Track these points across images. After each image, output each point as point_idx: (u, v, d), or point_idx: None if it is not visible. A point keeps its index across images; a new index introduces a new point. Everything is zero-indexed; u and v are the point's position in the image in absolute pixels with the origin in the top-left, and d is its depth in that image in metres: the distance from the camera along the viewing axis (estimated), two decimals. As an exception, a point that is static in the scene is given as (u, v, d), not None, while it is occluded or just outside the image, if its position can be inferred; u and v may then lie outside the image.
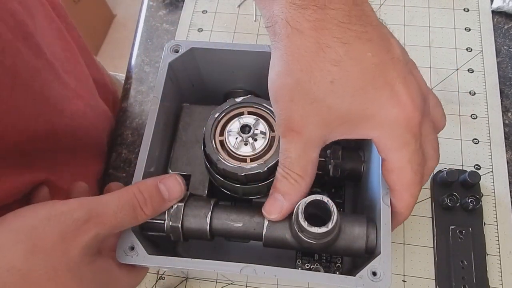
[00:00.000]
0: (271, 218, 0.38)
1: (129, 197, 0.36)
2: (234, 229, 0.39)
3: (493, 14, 0.65)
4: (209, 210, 0.39)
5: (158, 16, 0.70)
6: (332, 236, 0.36)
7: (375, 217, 0.38)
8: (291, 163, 0.36)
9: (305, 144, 0.35)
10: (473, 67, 0.62)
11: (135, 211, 0.36)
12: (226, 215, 0.39)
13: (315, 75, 0.33)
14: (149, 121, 0.41)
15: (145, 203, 0.36)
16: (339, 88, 0.33)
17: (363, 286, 0.34)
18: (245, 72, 0.47)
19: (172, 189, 0.38)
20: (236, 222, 0.39)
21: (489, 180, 0.55)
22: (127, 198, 0.36)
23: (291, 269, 0.35)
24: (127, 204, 0.36)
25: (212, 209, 0.39)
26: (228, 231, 0.39)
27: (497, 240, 0.52)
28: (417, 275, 0.51)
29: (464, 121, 0.59)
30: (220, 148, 0.39)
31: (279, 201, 0.37)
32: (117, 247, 0.36)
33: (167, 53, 0.44)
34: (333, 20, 0.32)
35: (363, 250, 0.37)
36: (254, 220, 0.38)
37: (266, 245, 0.39)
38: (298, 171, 0.36)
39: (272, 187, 0.37)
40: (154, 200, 0.37)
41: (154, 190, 0.37)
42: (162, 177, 0.38)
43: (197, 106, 0.46)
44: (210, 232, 0.39)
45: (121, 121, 0.63)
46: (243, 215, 0.39)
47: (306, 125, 0.34)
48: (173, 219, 0.38)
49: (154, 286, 0.52)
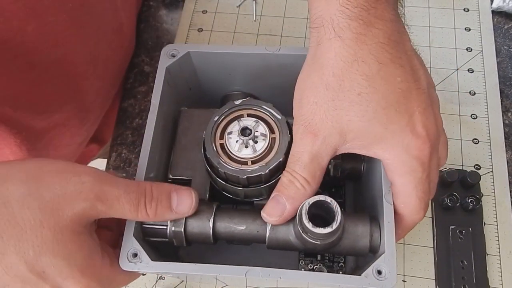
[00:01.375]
0: (270, 221, 0.37)
1: (139, 189, 0.36)
2: (237, 232, 0.39)
3: (493, 14, 0.65)
4: (212, 214, 0.39)
5: (158, 16, 0.70)
6: (336, 236, 0.36)
7: (377, 215, 0.38)
8: (302, 167, 0.36)
9: (319, 149, 0.35)
10: (473, 67, 0.62)
11: (138, 206, 0.35)
12: (229, 218, 0.39)
13: (344, 84, 0.34)
14: (148, 126, 0.41)
15: (150, 203, 0.36)
16: (364, 102, 0.34)
17: (369, 285, 0.34)
18: (243, 74, 0.48)
19: (182, 202, 0.37)
20: (239, 225, 0.39)
21: (489, 180, 0.55)
22: (136, 190, 0.35)
23: (296, 271, 0.35)
24: (134, 195, 0.35)
25: (214, 212, 0.39)
26: (231, 234, 0.39)
27: (497, 240, 0.52)
28: (417, 275, 0.51)
29: (464, 121, 0.59)
30: (220, 152, 0.39)
31: (282, 205, 0.36)
32: (120, 254, 0.36)
33: (164, 57, 0.44)
34: (374, 38, 0.34)
35: (367, 249, 0.37)
36: (257, 222, 0.38)
37: (270, 247, 0.39)
38: (307, 176, 0.36)
39: (276, 190, 0.37)
40: (161, 204, 0.36)
41: (165, 195, 0.37)
42: (179, 187, 0.38)
43: (195, 110, 0.46)
44: (213, 236, 0.39)
45: (121, 121, 0.63)
46: (246, 218, 0.39)
47: (324, 130, 0.35)
48: (176, 224, 0.38)
49: (154, 286, 0.52)
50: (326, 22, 0.35)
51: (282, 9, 0.69)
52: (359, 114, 0.34)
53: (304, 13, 0.68)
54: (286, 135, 0.39)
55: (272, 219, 0.37)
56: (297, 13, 0.68)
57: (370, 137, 0.35)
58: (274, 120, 0.40)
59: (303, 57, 0.44)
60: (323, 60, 0.35)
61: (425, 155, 0.35)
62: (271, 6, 0.69)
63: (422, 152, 0.35)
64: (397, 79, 0.34)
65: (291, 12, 0.68)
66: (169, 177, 0.43)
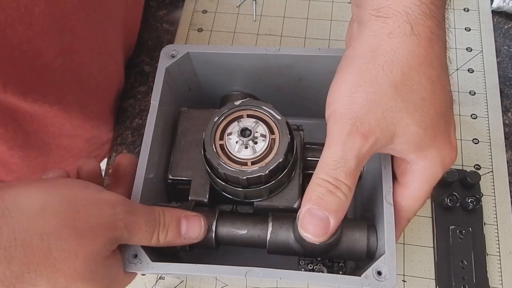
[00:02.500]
0: (316, 241, 0.33)
1: (155, 217, 0.36)
2: (239, 237, 0.39)
3: (493, 14, 0.65)
4: (214, 219, 0.39)
5: (158, 16, 0.70)
6: (335, 237, 0.36)
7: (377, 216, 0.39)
8: (347, 174, 0.32)
9: (367, 152, 0.32)
10: (473, 67, 0.62)
11: (153, 234, 0.36)
12: (231, 223, 0.40)
13: (412, 85, 0.31)
14: (148, 127, 0.41)
15: (162, 231, 0.36)
16: (425, 108, 0.32)
17: (369, 286, 0.34)
18: (242, 75, 0.48)
19: (191, 228, 0.37)
20: (240, 229, 0.39)
21: (489, 180, 0.55)
22: (153, 219, 0.36)
23: (296, 271, 0.35)
24: (151, 223, 0.36)
25: (217, 218, 0.39)
26: (233, 239, 0.39)
27: (497, 240, 0.52)
28: (417, 275, 0.51)
29: (464, 121, 0.59)
30: (220, 152, 0.39)
31: (325, 221, 0.32)
32: None
33: (163, 58, 0.44)
34: (440, 41, 0.32)
35: (364, 254, 0.38)
36: (258, 227, 0.39)
37: (270, 251, 0.39)
38: (350, 183, 0.32)
39: (313, 202, 0.32)
40: (171, 230, 0.37)
41: (175, 221, 0.37)
42: (189, 214, 0.38)
43: (195, 110, 0.46)
44: (215, 240, 0.39)
45: (121, 121, 0.63)
46: (247, 223, 0.39)
47: (377, 132, 0.32)
48: None
49: (154, 286, 0.52)
50: (400, 14, 0.32)
51: (282, 9, 0.69)
52: (419, 119, 0.32)
53: (304, 13, 0.68)
54: (286, 136, 0.39)
55: (320, 239, 0.33)
56: (297, 13, 0.68)
57: (417, 144, 0.33)
58: (274, 120, 0.40)
59: (303, 58, 0.44)
60: (393, 56, 0.31)
61: (451, 165, 0.35)
62: (271, 6, 0.69)
63: (451, 163, 0.35)
64: (448, 88, 0.33)
65: (291, 12, 0.68)
66: (169, 178, 0.43)
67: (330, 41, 0.66)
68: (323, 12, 0.68)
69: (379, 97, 0.31)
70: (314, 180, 0.33)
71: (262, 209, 0.41)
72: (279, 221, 0.39)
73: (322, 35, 0.66)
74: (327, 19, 0.67)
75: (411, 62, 0.31)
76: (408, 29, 0.31)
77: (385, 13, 0.32)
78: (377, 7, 0.33)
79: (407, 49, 0.31)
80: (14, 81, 0.42)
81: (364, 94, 0.32)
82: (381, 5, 0.32)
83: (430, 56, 0.32)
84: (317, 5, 0.69)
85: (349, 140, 0.31)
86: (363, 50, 0.33)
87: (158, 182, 0.43)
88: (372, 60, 0.32)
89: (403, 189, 0.37)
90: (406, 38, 0.31)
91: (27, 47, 0.42)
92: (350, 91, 0.32)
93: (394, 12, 0.32)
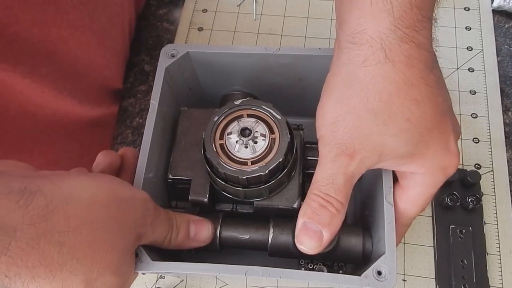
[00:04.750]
0: (311, 253, 0.35)
1: (170, 218, 0.38)
2: (241, 241, 0.40)
3: (493, 13, 0.65)
4: (218, 224, 0.40)
5: (158, 15, 0.70)
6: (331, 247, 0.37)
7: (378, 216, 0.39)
8: (337, 190, 0.33)
9: (355, 170, 0.33)
10: (473, 66, 0.62)
11: (167, 234, 0.38)
12: (234, 228, 0.41)
13: (393, 110, 0.32)
14: (147, 126, 0.41)
15: (174, 230, 0.38)
16: (412, 128, 0.33)
17: (369, 286, 0.34)
18: (242, 74, 0.47)
19: (199, 232, 0.39)
20: (243, 234, 0.40)
21: (490, 179, 0.55)
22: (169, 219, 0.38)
23: (296, 270, 0.36)
24: (167, 223, 0.38)
25: (221, 223, 0.40)
26: (236, 243, 0.40)
27: (497, 240, 0.52)
28: (417, 274, 0.51)
29: (465, 120, 0.59)
30: (220, 152, 0.39)
31: (318, 233, 0.34)
32: None
33: (163, 58, 0.44)
34: (423, 61, 0.32)
35: (360, 257, 0.39)
36: (259, 232, 0.40)
37: (271, 254, 0.40)
38: (341, 198, 0.34)
39: (307, 216, 0.34)
40: (181, 232, 0.38)
41: (185, 224, 0.39)
42: (197, 218, 0.40)
43: (194, 110, 0.46)
44: (219, 244, 0.40)
45: (121, 120, 0.63)
46: (249, 228, 0.41)
47: (363, 152, 0.33)
48: None
49: (154, 285, 0.52)
50: (374, 41, 0.32)
51: (283, 8, 0.69)
52: (405, 139, 0.33)
53: (304, 12, 0.68)
54: (286, 135, 0.39)
55: (315, 251, 0.35)
56: (297, 12, 0.68)
57: (409, 157, 0.34)
58: (274, 120, 0.40)
59: (303, 57, 0.44)
60: (369, 84, 0.32)
61: (453, 171, 0.35)
62: (272, 5, 0.69)
63: (453, 170, 0.35)
64: (439, 99, 0.33)
65: (291, 11, 0.68)
66: (169, 177, 0.43)
67: (330, 40, 0.66)
68: (323, 11, 0.68)
69: (360, 124, 0.33)
70: (308, 195, 0.35)
71: (262, 209, 0.41)
72: (279, 227, 0.40)
73: (323, 34, 0.66)
74: (328, 18, 0.67)
75: (389, 88, 0.32)
76: (382, 56, 0.32)
77: (359, 39, 0.33)
78: (352, 32, 0.33)
79: (382, 75, 0.32)
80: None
81: (344, 122, 0.33)
82: (357, 29, 0.33)
83: (410, 79, 0.32)
84: (317, 4, 0.69)
85: (336, 160, 0.33)
86: (341, 78, 0.34)
87: (158, 182, 0.43)
88: (349, 89, 0.33)
89: (403, 191, 0.37)
90: (381, 65, 0.32)
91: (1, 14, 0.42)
92: (332, 121, 0.34)
93: (369, 39, 0.32)
